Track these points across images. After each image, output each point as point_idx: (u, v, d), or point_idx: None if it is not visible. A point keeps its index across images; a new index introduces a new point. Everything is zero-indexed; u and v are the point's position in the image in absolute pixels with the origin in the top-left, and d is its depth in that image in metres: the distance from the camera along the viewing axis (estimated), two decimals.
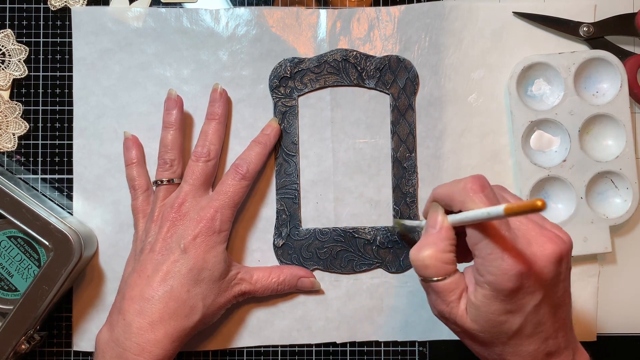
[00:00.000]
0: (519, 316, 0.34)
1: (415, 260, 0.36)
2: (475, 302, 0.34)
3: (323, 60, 0.49)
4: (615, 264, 0.49)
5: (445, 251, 0.36)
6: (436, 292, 0.36)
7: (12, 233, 0.46)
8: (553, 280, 0.34)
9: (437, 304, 0.37)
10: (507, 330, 0.35)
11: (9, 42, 0.49)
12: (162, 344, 0.41)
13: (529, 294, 0.34)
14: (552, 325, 0.35)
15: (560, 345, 0.36)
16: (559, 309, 0.36)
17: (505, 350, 0.36)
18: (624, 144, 0.47)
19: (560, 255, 0.34)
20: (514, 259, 0.33)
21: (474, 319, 0.35)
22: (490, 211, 0.31)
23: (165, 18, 0.49)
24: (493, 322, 0.34)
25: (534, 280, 0.33)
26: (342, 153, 0.49)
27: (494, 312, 0.34)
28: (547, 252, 0.34)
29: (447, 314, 0.36)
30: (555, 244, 0.34)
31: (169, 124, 0.47)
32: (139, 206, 0.47)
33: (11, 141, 0.49)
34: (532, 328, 0.35)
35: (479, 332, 0.35)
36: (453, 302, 0.36)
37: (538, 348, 0.35)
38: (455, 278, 0.36)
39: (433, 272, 0.35)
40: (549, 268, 0.34)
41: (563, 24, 0.49)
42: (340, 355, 0.49)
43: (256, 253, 0.49)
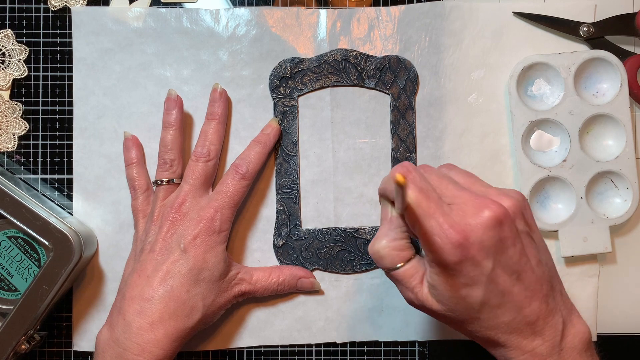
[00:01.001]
0: (478, 288, 0.34)
1: (372, 253, 0.37)
2: (432, 282, 0.35)
3: (323, 60, 0.49)
4: (616, 264, 0.49)
5: (396, 239, 0.36)
6: (398, 281, 0.37)
7: (12, 233, 0.46)
8: (498, 246, 0.33)
9: (404, 292, 0.37)
10: (473, 304, 0.34)
11: (9, 42, 0.49)
12: (162, 344, 0.41)
13: (476, 264, 0.33)
14: (521, 293, 0.35)
15: (540, 313, 0.35)
16: (522, 275, 0.35)
17: (481, 326, 0.36)
18: (624, 144, 0.47)
19: (497, 220, 0.33)
20: (448, 232, 0.33)
21: (437, 300, 0.35)
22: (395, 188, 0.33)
23: (166, 18, 0.49)
24: (455, 299, 0.34)
25: (476, 250, 0.33)
26: (342, 153, 0.49)
27: (450, 288, 0.34)
28: (482, 219, 0.33)
29: (415, 299, 0.37)
30: (490, 210, 0.33)
31: (169, 124, 0.47)
32: (139, 206, 0.47)
33: (11, 141, 0.49)
34: (497, 298, 0.34)
35: (448, 311, 0.35)
36: (416, 287, 0.36)
37: (514, 319, 0.35)
38: (412, 264, 0.36)
39: (389, 262, 0.36)
40: (487, 234, 0.33)
41: (563, 24, 0.49)
42: (340, 355, 0.49)
43: (256, 253, 0.49)
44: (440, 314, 0.36)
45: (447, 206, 0.34)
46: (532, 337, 0.36)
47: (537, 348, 0.36)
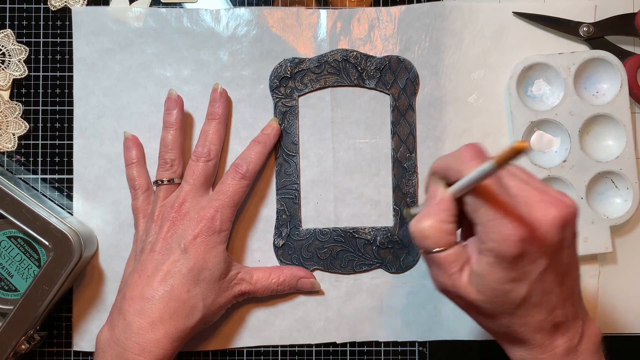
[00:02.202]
0: (524, 284, 0.33)
1: (414, 231, 0.36)
2: (479, 271, 0.34)
3: (323, 61, 0.49)
4: (616, 264, 0.49)
5: (445, 222, 0.35)
6: (437, 264, 0.35)
7: (12, 233, 0.46)
8: (557, 247, 0.33)
9: (439, 277, 0.36)
10: (513, 299, 0.34)
11: (9, 42, 0.49)
12: (162, 344, 0.41)
13: (532, 260, 0.33)
14: (559, 295, 0.35)
15: (568, 316, 0.35)
16: (566, 277, 0.35)
17: (512, 322, 0.35)
18: (624, 144, 0.47)
19: (564, 220, 0.33)
20: (515, 224, 0.32)
21: (478, 289, 0.34)
22: (483, 168, 0.31)
23: (166, 18, 0.49)
24: (498, 292, 0.34)
25: (537, 246, 0.33)
26: (343, 153, 0.49)
27: (498, 280, 0.33)
28: (549, 217, 0.33)
29: (450, 286, 0.35)
30: (558, 209, 0.33)
31: (170, 123, 0.47)
32: (139, 206, 0.47)
33: (11, 141, 0.49)
34: (538, 297, 0.34)
35: (485, 302, 0.35)
36: (455, 274, 0.35)
37: (546, 318, 0.35)
38: (456, 249, 0.35)
39: (433, 243, 0.35)
40: (552, 233, 0.33)
41: (563, 24, 0.49)
42: (340, 356, 0.49)
43: (256, 253, 0.49)
44: (475, 304, 0.35)
45: (513, 197, 0.33)
46: (555, 337, 0.36)
47: (557, 348, 0.36)
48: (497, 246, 0.32)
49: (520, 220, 0.32)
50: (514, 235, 0.32)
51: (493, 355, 0.49)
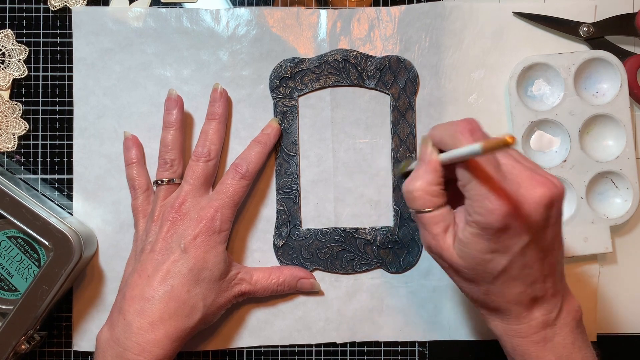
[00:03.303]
0: (505, 257, 0.35)
1: (406, 192, 0.38)
2: (463, 239, 0.35)
3: (323, 61, 0.49)
4: (616, 264, 0.49)
5: (432, 183, 0.37)
6: (423, 224, 0.38)
7: (12, 233, 0.46)
8: (541, 224, 0.35)
9: (425, 237, 0.38)
10: (492, 269, 0.35)
11: (9, 42, 0.49)
12: (162, 344, 0.41)
13: (515, 235, 0.34)
14: (540, 270, 0.36)
15: (547, 291, 0.37)
16: (548, 254, 0.36)
17: (490, 290, 0.37)
18: (624, 144, 0.47)
19: (550, 199, 0.34)
20: (501, 199, 0.33)
21: (460, 255, 0.36)
22: (470, 149, 0.32)
23: (166, 18, 0.49)
24: (478, 260, 0.35)
25: (521, 222, 0.34)
26: (343, 153, 0.49)
27: (479, 250, 0.35)
28: (536, 195, 0.34)
29: (434, 247, 0.37)
30: (545, 187, 0.34)
31: (170, 123, 0.47)
32: (139, 206, 0.47)
33: (11, 141, 0.49)
34: (518, 270, 0.35)
35: (465, 268, 0.36)
36: (439, 235, 0.37)
37: (524, 291, 0.36)
38: (442, 211, 0.37)
39: (421, 204, 0.37)
40: (537, 211, 0.34)
41: (563, 24, 0.49)
42: (340, 356, 0.49)
43: (256, 253, 0.49)
44: (455, 267, 0.37)
45: (502, 174, 0.34)
46: (533, 310, 0.37)
47: (534, 320, 0.37)
48: (482, 219, 0.34)
49: (507, 196, 0.33)
50: (499, 209, 0.33)
51: (493, 355, 0.49)
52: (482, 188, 0.34)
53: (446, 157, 0.36)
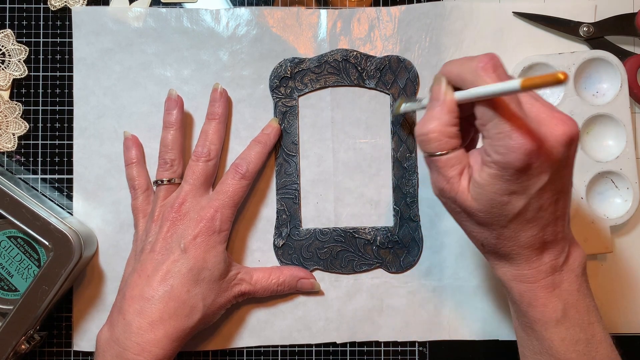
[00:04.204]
0: (523, 198, 0.34)
1: (419, 135, 0.36)
2: (480, 181, 0.34)
3: (323, 61, 0.49)
4: (616, 264, 0.49)
5: (448, 124, 0.35)
6: (438, 167, 0.36)
7: (12, 233, 0.46)
8: (561, 164, 0.34)
9: (438, 181, 0.36)
10: (509, 212, 0.35)
11: (9, 42, 0.49)
12: (162, 344, 0.41)
13: (535, 175, 0.33)
14: (553, 213, 0.35)
15: (558, 234, 0.36)
16: (562, 196, 0.36)
17: (503, 234, 0.36)
18: (624, 144, 0.47)
19: (570, 138, 0.34)
20: (523, 137, 0.32)
21: (475, 198, 0.35)
22: (506, 86, 0.31)
23: (166, 18, 0.49)
24: (495, 202, 0.34)
25: (542, 161, 0.33)
26: (343, 153, 0.49)
27: (497, 191, 0.34)
28: (557, 133, 0.33)
29: (448, 190, 0.36)
30: (566, 126, 0.33)
31: (170, 124, 0.47)
32: (139, 206, 0.47)
33: (11, 141, 0.49)
34: (533, 212, 0.35)
35: (479, 211, 0.35)
36: (453, 178, 0.36)
37: (536, 235, 0.36)
38: (457, 153, 0.35)
39: (436, 146, 0.35)
40: (558, 149, 0.33)
41: (563, 24, 0.49)
42: (340, 355, 0.49)
43: (256, 253, 0.49)
44: (469, 211, 0.36)
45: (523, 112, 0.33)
46: (542, 254, 0.37)
47: (543, 265, 0.37)
48: (503, 159, 0.33)
49: (528, 134, 0.32)
50: (521, 147, 0.32)
51: (493, 355, 0.49)
52: (504, 126, 0.32)
53: (467, 96, 0.34)
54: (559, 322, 0.37)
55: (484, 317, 0.49)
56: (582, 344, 0.37)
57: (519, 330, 0.40)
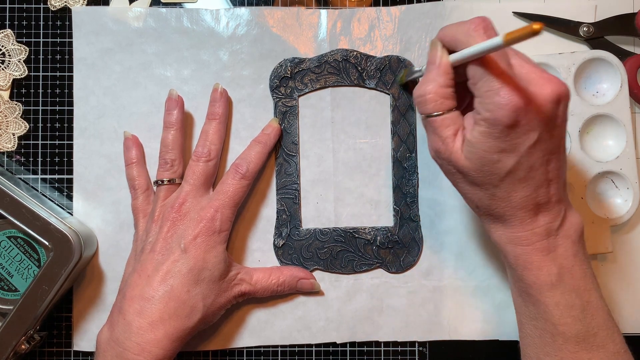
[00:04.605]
0: (513, 156, 0.35)
1: (417, 96, 0.38)
2: (471, 140, 0.35)
3: (323, 61, 0.49)
4: (616, 264, 0.49)
5: (444, 86, 0.37)
6: (433, 128, 0.37)
7: (12, 233, 0.46)
8: (549, 122, 0.35)
9: (434, 141, 0.38)
10: (500, 170, 0.35)
11: (9, 42, 0.49)
12: (162, 344, 0.41)
13: (524, 133, 0.34)
14: (545, 174, 0.36)
15: (551, 197, 0.37)
16: (553, 157, 0.36)
17: (495, 194, 0.37)
18: (624, 144, 0.48)
19: (559, 96, 0.34)
20: (511, 93, 0.33)
21: (468, 157, 0.36)
22: (491, 42, 0.32)
23: (166, 18, 0.49)
24: (486, 161, 0.35)
25: (530, 118, 0.34)
26: (343, 153, 0.49)
27: (488, 149, 0.35)
28: (546, 91, 0.34)
29: (443, 150, 0.37)
30: (554, 85, 0.34)
31: (170, 124, 0.47)
32: (139, 206, 0.47)
33: (11, 141, 0.49)
34: (524, 172, 0.35)
35: (472, 170, 0.36)
36: (448, 138, 0.37)
37: (529, 195, 0.36)
38: (452, 114, 0.37)
39: (432, 107, 0.37)
40: (546, 107, 0.34)
41: (563, 24, 0.49)
42: (340, 355, 0.49)
43: (256, 253, 0.49)
44: (463, 170, 0.37)
45: (512, 70, 0.34)
46: (537, 217, 0.37)
47: (538, 228, 0.37)
48: (492, 115, 0.34)
49: (517, 90, 0.33)
50: (508, 103, 0.33)
51: (493, 355, 0.49)
52: (494, 83, 0.33)
53: (459, 57, 0.36)
54: (553, 285, 0.37)
55: (484, 317, 0.49)
56: (577, 309, 0.38)
57: (515, 296, 0.41)
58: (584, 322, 0.38)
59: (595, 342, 0.38)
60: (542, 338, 0.39)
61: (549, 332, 0.38)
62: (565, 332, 0.38)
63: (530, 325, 0.40)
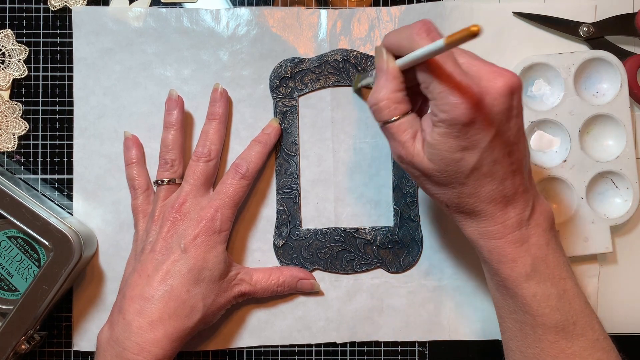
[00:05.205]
0: (475, 153, 0.35)
1: (371, 105, 0.38)
2: (432, 142, 0.35)
3: (323, 61, 0.49)
4: (616, 264, 0.49)
5: (395, 90, 0.37)
6: (392, 134, 0.38)
7: (12, 233, 0.46)
8: (505, 115, 0.35)
9: (395, 147, 0.38)
10: (464, 168, 0.36)
11: (9, 42, 0.49)
12: (161, 344, 0.41)
13: (482, 128, 0.34)
14: (509, 166, 0.36)
15: (518, 188, 0.37)
16: (514, 148, 0.36)
17: (463, 192, 0.37)
18: (624, 144, 0.48)
19: (511, 88, 0.35)
20: (464, 93, 0.33)
21: (430, 159, 0.36)
22: (433, 46, 0.32)
23: (166, 18, 0.49)
24: (449, 161, 0.35)
25: (486, 113, 0.34)
26: (343, 153, 0.49)
27: (449, 149, 0.35)
28: (497, 85, 0.34)
29: (405, 155, 0.37)
30: (505, 77, 0.35)
31: (170, 124, 0.47)
32: (139, 206, 0.47)
33: (11, 141, 0.49)
34: (488, 166, 0.36)
35: (436, 171, 0.36)
36: (407, 142, 0.37)
37: (496, 188, 0.36)
38: (408, 118, 0.37)
39: (387, 113, 0.37)
40: (499, 100, 0.34)
41: (563, 24, 0.49)
42: (340, 355, 0.49)
43: (256, 253, 0.49)
44: (427, 172, 0.37)
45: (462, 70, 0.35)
46: (506, 209, 0.37)
47: (508, 220, 0.37)
48: (448, 116, 0.34)
49: (470, 89, 0.34)
50: (462, 103, 0.33)
51: (493, 355, 0.49)
52: (444, 85, 0.34)
53: (404, 62, 0.36)
54: (528, 276, 0.38)
55: (484, 317, 0.49)
56: (554, 299, 0.38)
57: (493, 291, 0.41)
58: (561, 311, 0.38)
59: (574, 330, 0.38)
60: (522, 331, 0.39)
61: (529, 324, 0.38)
62: (544, 323, 0.38)
63: (510, 319, 0.40)
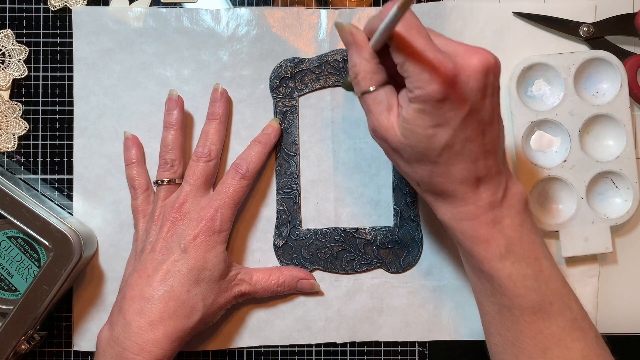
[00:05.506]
0: (447, 130, 0.35)
1: (352, 79, 0.38)
2: (407, 117, 0.35)
3: (324, 61, 0.49)
4: (616, 263, 0.49)
5: (367, 58, 0.37)
6: (368, 105, 0.38)
7: (12, 233, 0.46)
8: (479, 93, 0.35)
9: (370, 120, 0.38)
10: (436, 144, 0.35)
11: (9, 42, 0.49)
12: (161, 344, 0.41)
13: (455, 105, 0.34)
14: (481, 146, 0.36)
15: (491, 169, 0.37)
16: (488, 128, 0.36)
17: (435, 170, 0.37)
18: (624, 144, 0.48)
19: (487, 66, 0.35)
20: (437, 69, 0.33)
21: (404, 134, 0.36)
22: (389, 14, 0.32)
23: (166, 18, 0.49)
24: (421, 137, 0.35)
25: (459, 90, 0.34)
26: (343, 153, 0.49)
27: (422, 125, 0.35)
28: (472, 62, 0.34)
29: (378, 127, 0.37)
30: (481, 55, 0.35)
31: (170, 124, 0.47)
32: (139, 206, 0.47)
33: (11, 141, 0.49)
34: (460, 145, 0.35)
35: (408, 146, 0.36)
36: (382, 114, 0.37)
37: (468, 168, 0.36)
38: (384, 90, 0.37)
39: (365, 84, 0.37)
40: (474, 77, 0.34)
41: (563, 24, 0.49)
42: (340, 356, 0.49)
43: (256, 253, 0.49)
44: (399, 148, 0.37)
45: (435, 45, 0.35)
46: (478, 190, 0.37)
47: (481, 201, 0.37)
48: (422, 92, 0.34)
49: (443, 66, 0.33)
50: (436, 78, 0.33)
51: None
52: (417, 62, 0.34)
53: (374, 39, 0.36)
54: (503, 257, 0.37)
55: None
56: (530, 279, 0.38)
57: (470, 275, 0.41)
58: (538, 291, 0.38)
59: (552, 310, 0.38)
60: (500, 313, 0.39)
61: (506, 306, 0.38)
62: (521, 304, 0.38)
63: (489, 302, 0.40)
